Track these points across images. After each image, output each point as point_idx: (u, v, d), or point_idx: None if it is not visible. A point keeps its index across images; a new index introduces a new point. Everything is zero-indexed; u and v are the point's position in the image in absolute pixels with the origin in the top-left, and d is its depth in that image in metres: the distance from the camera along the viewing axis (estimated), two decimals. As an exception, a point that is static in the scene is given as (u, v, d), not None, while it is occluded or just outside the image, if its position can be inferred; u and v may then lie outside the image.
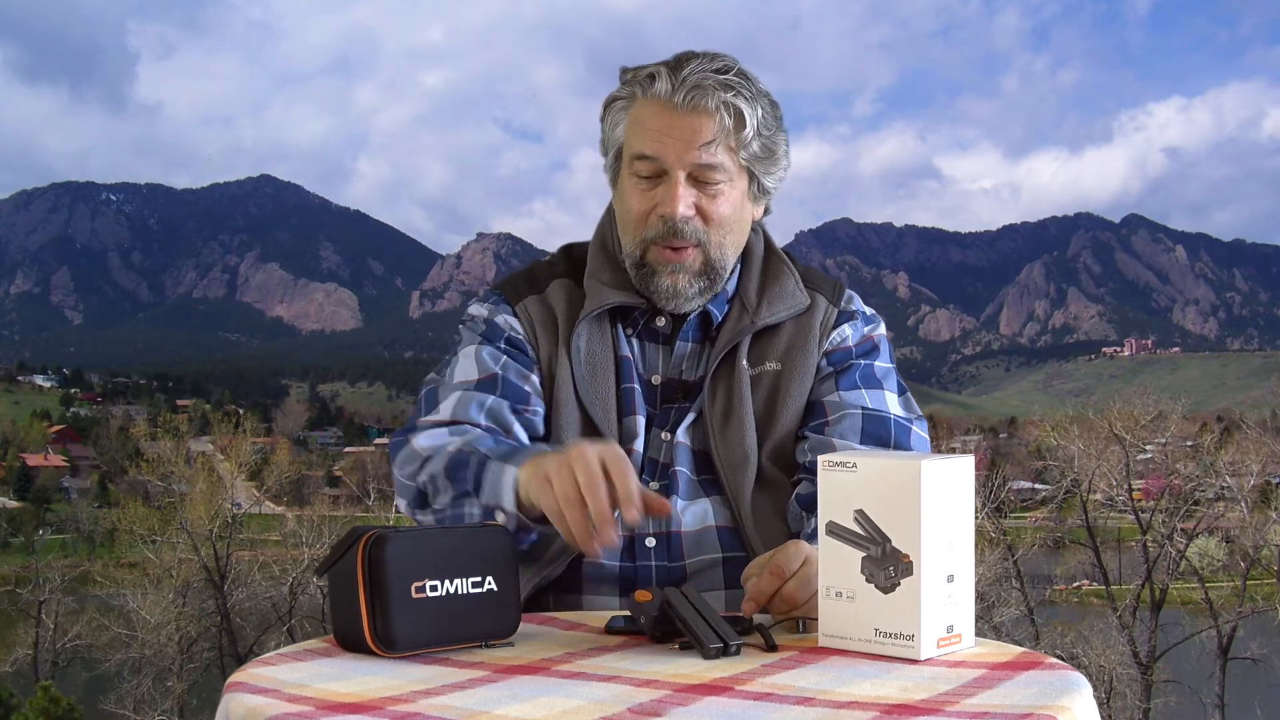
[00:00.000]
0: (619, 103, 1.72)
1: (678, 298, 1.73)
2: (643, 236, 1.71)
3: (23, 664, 30.44)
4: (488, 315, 1.80)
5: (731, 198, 1.70)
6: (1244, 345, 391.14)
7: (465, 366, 1.75)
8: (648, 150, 1.67)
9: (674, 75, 1.65)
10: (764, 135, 1.69)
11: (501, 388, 1.72)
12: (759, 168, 1.72)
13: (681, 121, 1.65)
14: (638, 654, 1.29)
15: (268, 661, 1.28)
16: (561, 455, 1.41)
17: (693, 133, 1.65)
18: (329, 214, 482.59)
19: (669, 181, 1.67)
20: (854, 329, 1.81)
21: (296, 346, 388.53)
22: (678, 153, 1.66)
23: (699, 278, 1.72)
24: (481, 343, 1.77)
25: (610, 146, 1.76)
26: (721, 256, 1.73)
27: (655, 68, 1.67)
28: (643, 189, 1.70)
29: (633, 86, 1.70)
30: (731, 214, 1.71)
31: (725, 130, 1.65)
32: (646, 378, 1.78)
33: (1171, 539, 28.04)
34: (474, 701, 1.10)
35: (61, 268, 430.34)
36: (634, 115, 1.70)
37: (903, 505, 1.23)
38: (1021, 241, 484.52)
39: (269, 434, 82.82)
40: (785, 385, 1.75)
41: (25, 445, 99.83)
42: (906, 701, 1.08)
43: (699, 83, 1.64)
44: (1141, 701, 25.26)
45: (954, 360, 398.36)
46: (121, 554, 40.26)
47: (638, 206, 1.71)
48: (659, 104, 1.66)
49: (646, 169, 1.69)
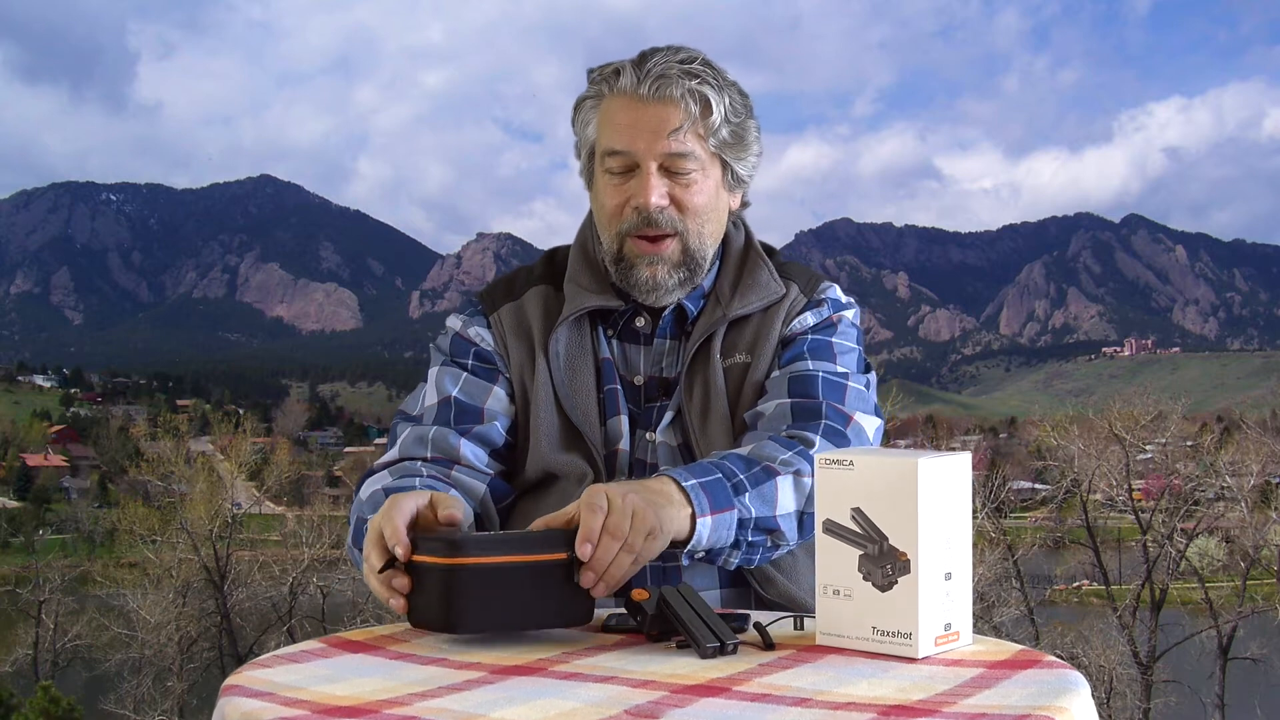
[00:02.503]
0: (588, 102, 1.74)
1: (657, 289, 1.73)
2: (618, 230, 1.72)
3: (23, 664, 30.40)
4: (459, 329, 1.83)
5: (705, 187, 1.71)
6: (1244, 345, 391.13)
7: (426, 392, 1.80)
8: (618, 145, 1.68)
9: (638, 69, 1.67)
10: (732, 122, 1.70)
11: (453, 411, 1.75)
12: (730, 154, 1.72)
13: (649, 112, 1.66)
14: (635, 653, 1.28)
15: (264, 664, 1.27)
16: None
17: (660, 122, 1.66)
18: (329, 214, 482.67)
19: (641, 174, 1.68)
20: (816, 315, 1.80)
21: (296, 346, 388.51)
22: (647, 143, 1.67)
23: (678, 268, 1.73)
24: (444, 364, 1.81)
25: (583, 147, 1.77)
26: (700, 246, 1.73)
27: (620, 64, 1.69)
28: (616, 184, 1.71)
29: (600, 84, 1.71)
30: (706, 203, 1.72)
31: (692, 118, 1.66)
32: (629, 378, 1.79)
33: (1171, 539, 28.01)
34: (470, 704, 1.10)
35: (61, 268, 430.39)
36: (603, 112, 1.71)
37: (900, 503, 1.23)
38: (1021, 241, 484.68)
39: (269, 434, 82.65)
40: (752, 375, 1.75)
41: (25, 445, 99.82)
42: (904, 702, 1.08)
43: (663, 73, 1.65)
44: (1141, 701, 25.24)
45: (954, 360, 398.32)
46: (121, 554, 40.24)
47: (612, 201, 1.72)
48: (625, 98, 1.68)
49: (618, 164, 1.70)
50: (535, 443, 1.74)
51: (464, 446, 1.72)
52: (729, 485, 1.51)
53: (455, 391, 1.77)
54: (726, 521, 1.50)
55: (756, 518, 1.53)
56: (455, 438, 1.73)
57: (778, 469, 1.56)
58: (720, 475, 1.52)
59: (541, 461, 1.74)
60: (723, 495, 1.50)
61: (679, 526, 1.44)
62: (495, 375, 1.79)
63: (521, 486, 1.77)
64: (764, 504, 1.54)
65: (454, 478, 1.69)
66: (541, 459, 1.74)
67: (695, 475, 1.50)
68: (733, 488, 1.52)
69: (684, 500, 1.46)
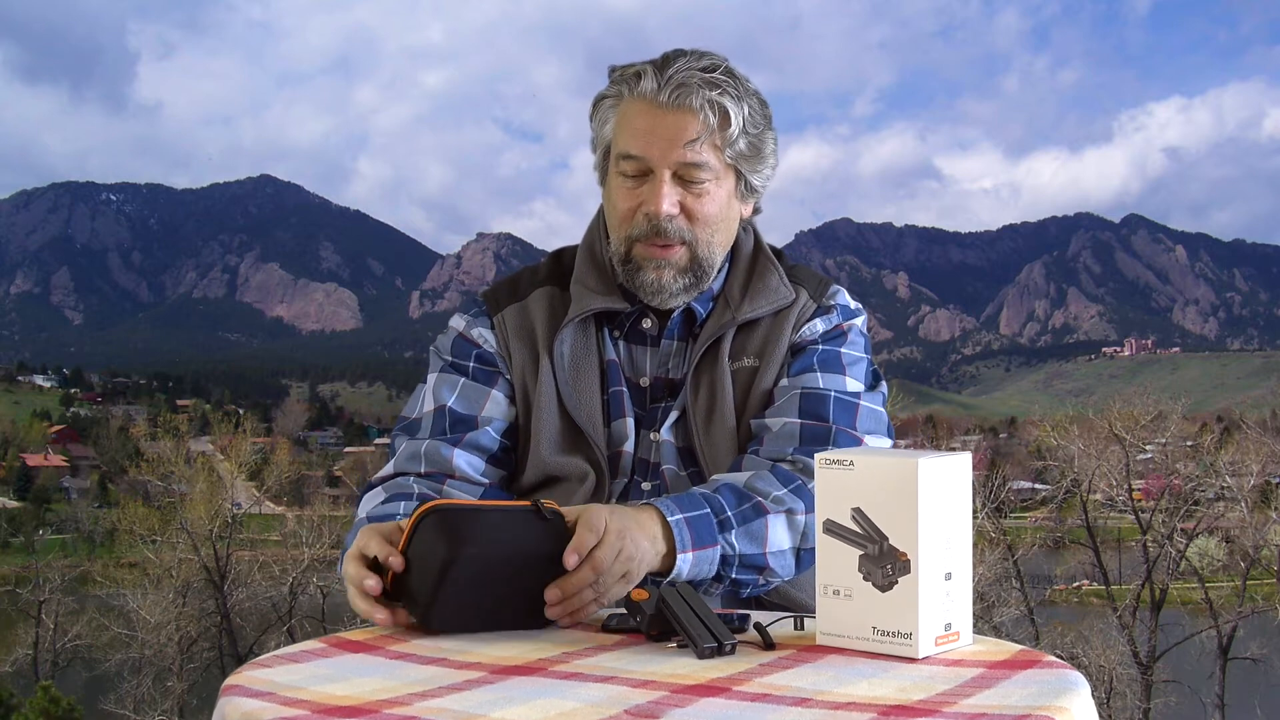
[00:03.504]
0: (607, 101, 1.73)
1: (662, 293, 1.73)
2: (628, 234, 1.72)
3: (23, 664, 30.40)
4: (462, 329, 1.83)
5: (717, 197, 1.71)
6: (1244, 345, 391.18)
7: (424, 398, 1.81)
8: (633, 150, 1.68)
9: (660, 74, 1.66)
10: (750, 134, 1.70)
11: (447, 421, 1.76)
12: (745, 166, 1.72)
13: (666, 120, 1.66)
14: (635, 653, 1.28)
15: (264, 664, 1.27)
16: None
17: (677, 131, 1.66)
18: (329, 214, 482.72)
19: (654, 180, 1.68)
20: (826, 322, 1.80)
21: (296, 346, 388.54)
22: (662, 151, 1.66)
23: (684, 274, 1.73)
24: (443, 369, 1.82)
25: (599, 144, 1.77)
26: (709, 254, 1.74)
27: (642, 66, 1.69)
28: (629, 187, 1.71)
29: (620, 85, 1.71)
30: (717, 213, 1.72)
31: (710, 128, 1.66)
32: (634, 380, 1.79)
33: (1171, 539, 28.00)
34: (470, 704, 1.10)
35: (61, 268, 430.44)
36: (621, 113, 1.71)
37: (900, 503, 1.23)
38: (1021, 241, 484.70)
39: (269, 434, 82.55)
40: (760, 380, 1.75)
41: (25, 445, 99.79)
42: (904, 702, 1.08)
43: (684, 81, 1.65)
44: (1141, 701, 25.24)
45: (954, 360, 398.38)
46: (121, 554, 40.21)
47: (624, 204, 1.72)
48: (645, 103, 1.67)
49: (632, 168, 1.70)
50: (535, 445, 1.74)
51: (458, 458, 1.73)
52: (715, 521, 1.53)
53: (451, 400, 1.77)
54: (708, 558, 1.51)
55: (741, 554, 1.54)
56: (449, 449, 1.73)
57: (769, 507, 1.57)
58: (708, 510, 1.53)
59: (541, 464, 1.74)
60: (707, 531, 1.51)
61: (653, 563, 1.47)
62: (495, 378, 1.79)
63: (521, 490, 1.77)
64: (751, 542, 1.55)
65: (447, 493, 1.70)
66: (541, 461, 1.74)
67: (682, 509, 1.51)
68: (719, 524, 1.53)
69: (664, 536, 1.48)
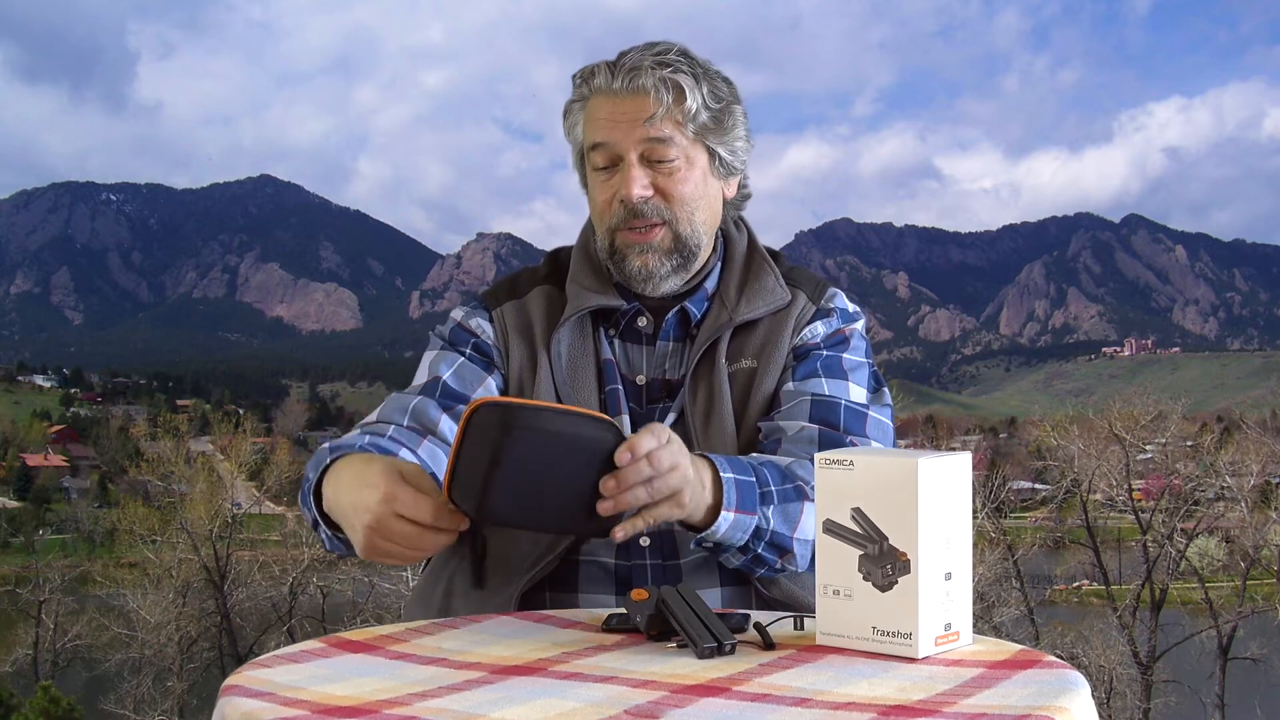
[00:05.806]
0: (574, 106, 1.76)
1: (651, 278, 1.74)
2: (609, 225, 1.74)
3: (23, 664, 30.42)
4: (461, 319, 1.84)
5: (690, 175, 1.72)
6: (1244, 345, 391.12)
7: (419, 371, 1.82)
8: (599, 138, 1.71)
9: (612, 66, 1.70)
10: (712, 107, 1.71)
11: (439, 390, 1.76)
12: (712, 139, 1.73)
13: (624, 105, 1.69)
14: (634, 653, 1.28)
15: (264, 664, 1.27)
16: (356, 497, 1.42)
17: (635, 112, 1.68)
18: (329, 214, 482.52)
19: (624, 166, 1.70)
20: (827, 325, 1.80)
21: (296, 346, 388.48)
22: (625, 133, 1.69)
23: (670, 255, 1.73)
24: (441, 349, 1.82)
25: (574, 148, 1.80)
26: (692, 233, 1.74)
27: (596, 65, 1.72)
28: (603, 179, 1.73)
29: (581, 88, 1.74)
30: (693, 191, 1.73)
31: (665, 105, 1.67)
32: (631, 378, 1.79)
33: (1171, 539, 28.03)
34: (470, 704, 1.10)
35: (61, 268, 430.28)
36: (586, 113, 1.74)
37: (900, 503, 1.23)
38: (1021, 241, 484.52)
39: (269, 434, 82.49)
40: (759, 382, 1.76)
41: (25, 445, 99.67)
42: (904, 702, 1.08)
43: (635, 64, 1.68)
44: (1141, 701, 25.26)
45: (954, 360, 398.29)
46: (121, 554, 40.19)
47: (600, 197, 1.74)
48: (603, 95, 1.71)
49: (602, 158, 1.72)
50: None
51: (444, 422, 1.73)
52: (759, 493, 1.53)
53: (447, 375, 1.78)
54: (745, 525, 1.51)
55: (774, 532, 1.54)
56: (437, 412, 1.73)
57: (809, 494, 1.57)
58: (755, 479, 1.53)
59: None
60: (751, 499, 1.52)
61: (702, 503, 1.45)
62: (490, 368, 1.80)
63: None
64: (785, 522, 1.55)
65: (425, 447, 1.69)
66: None
67: (734, 470, 1.51)
68: (761, 496, 1.53)
69: (715, 488, 1.47)
